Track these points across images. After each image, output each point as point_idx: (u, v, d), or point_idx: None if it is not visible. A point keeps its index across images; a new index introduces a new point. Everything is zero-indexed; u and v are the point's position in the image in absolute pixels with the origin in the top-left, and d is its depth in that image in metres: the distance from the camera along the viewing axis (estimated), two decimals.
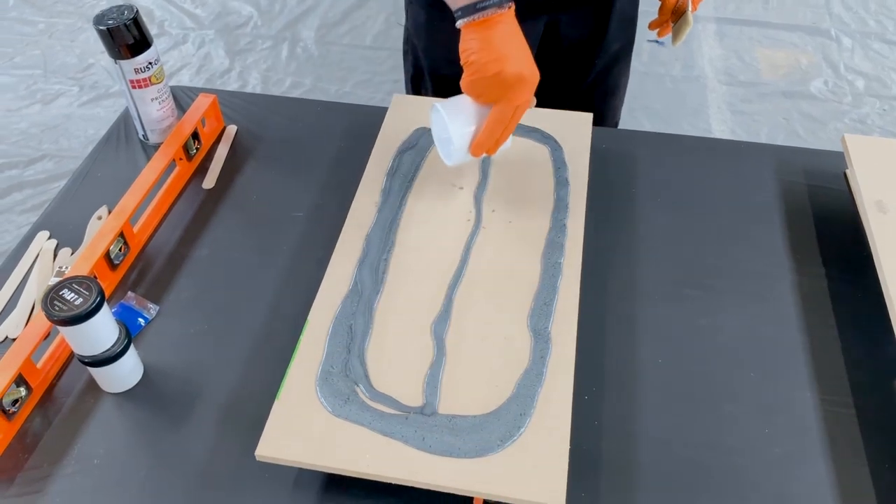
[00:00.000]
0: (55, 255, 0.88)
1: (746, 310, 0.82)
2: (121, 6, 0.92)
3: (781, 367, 0.77)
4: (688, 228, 0.91)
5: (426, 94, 1.12)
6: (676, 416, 0.74)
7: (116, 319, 0.72)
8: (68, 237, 0.90)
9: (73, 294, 0.67)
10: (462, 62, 0.75)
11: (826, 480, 0.69)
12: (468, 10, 0.73)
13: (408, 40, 1.11)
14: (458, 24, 0.74)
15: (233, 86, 2.28)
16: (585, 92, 1.13)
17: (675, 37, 0.95)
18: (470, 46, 0.74)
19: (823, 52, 2.39)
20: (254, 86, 2.29)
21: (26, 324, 0.80)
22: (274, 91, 2.27)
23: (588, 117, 0.95)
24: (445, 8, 0.77)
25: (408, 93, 1.16)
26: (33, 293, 0.83)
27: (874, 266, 0.79)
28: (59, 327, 0.68)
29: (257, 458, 0.64)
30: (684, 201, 0.94)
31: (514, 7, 0.74)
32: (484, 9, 0.72)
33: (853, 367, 0.77)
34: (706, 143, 1.03)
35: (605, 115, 1.18)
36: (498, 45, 0.73)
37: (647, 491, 0.68)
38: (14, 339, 0.79)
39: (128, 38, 0.91)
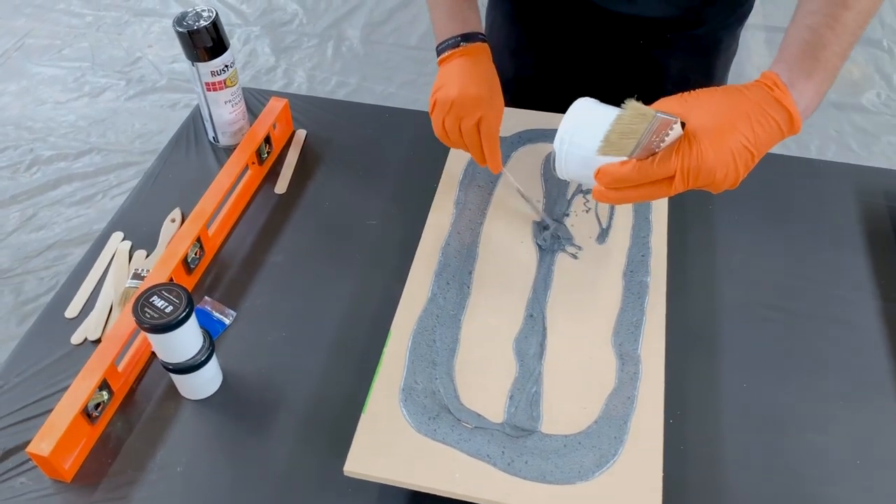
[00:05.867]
0: (130, 257, 0.88)
1: (831, 335, 0.80)
2: (199, 9, 0.92)
3: (870, 395, 0.75)
4: (767, 249, 0.89)
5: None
6: (763, 442, 0.72)
7: (201, 327, 0.71)
8: (141, 239, 0.90)
9: (163, 301, 0.67)
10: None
11: None
12: None
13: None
14: None
15: (278, 83, 2.29)
16: None
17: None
18: None
19: (876, 63, 2.35)
20: (299, 84, 2.29)
21: (104, 326, 0.81)
22: (319, 90, 2.28)
23: None
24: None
25: None
26: (110, 295, 0.83)
27: None
28: (149, 334, 0.68)
29: (346, 474, 0.64)
30: (762, 221, 0.92)
31: None
32: None
33: None
34: (782, 160, 1.00)
35: None
36: None
37: None
38: (93, 342, 0.79)
39: (206, 42, 0.90)
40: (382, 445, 0.65)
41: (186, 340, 0.69)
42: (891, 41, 2.42)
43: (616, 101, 0.75)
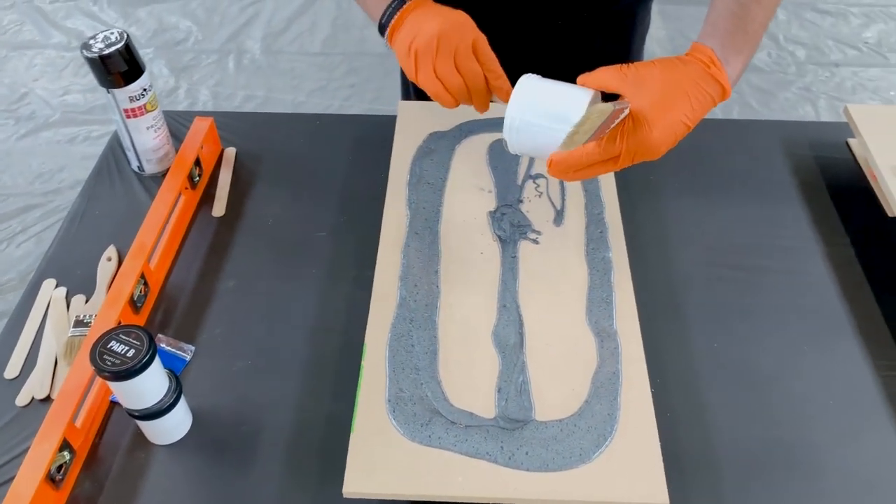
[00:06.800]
0: (68, 305, 0.82)
1: (785, 285, 0.83)
2: (107, 31, 0.86)
3: (831, 337, 0.79)
4: (712, 211, 0.91)
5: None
6: (742, 397, 0.74)
7: (166, 368, 0.67)
8: (77, 283, 0.84)
9: (122, 346, 0.62)
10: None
11: None
12: None
13: None
14: None
15: (182, 104, 2.20)
16: None
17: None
18: None
19: None
20: (204, 102, 2.20)
21: (51, 381, 0.75)
22: (226, 106, 2.20)
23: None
24: None
25: (405, 95, 1.13)
26: (53, 347, 0.77)
27: (895, 228, 0.82)
28: (111, 383, 0.63)
29: (345, 496, 0.61)
30: (702, 185, 0.94)
31: None
32: None
33: None
34: (712, 124, 1.03)
35: None
36: None
37: (730, 475, 0.68)
38: (41, 400, 0.73)
39: (120, 66, 0.85)
40: (379, 461, 0.63)
41: (153, 384, 0.65)
42: None
43: None
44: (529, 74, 0.69)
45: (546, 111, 0.66)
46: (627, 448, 0.63)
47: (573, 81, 0.70)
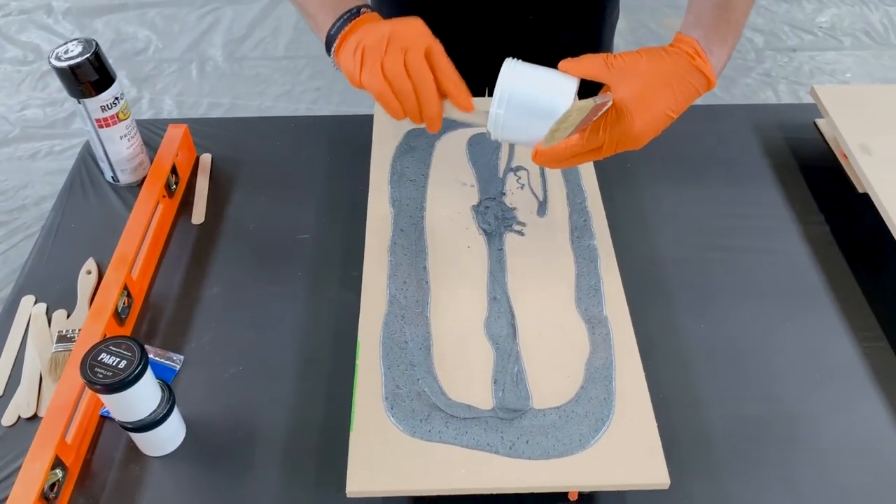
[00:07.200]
0: (49, 320, 0.80)
1: (766, 264, 0.85)
2: (76, 40, 0.85)
3: (812, 313, 0.81)
4: (689, 195, 0.93)
5: None
6: (731, 375, 0.75)
7: (157, 378, 0.66)
8: (57, 298, 0.82)
9: (113, 357, 0.61)
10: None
11: (884, 414, 0.72)
12: None
13: None
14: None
15: (146, 115, 2.16)
16: None
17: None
18: None
19: None
20: (169, 112, 2.17)
21: (37, 399, 0.73)
22: (191, 115, 2.17)
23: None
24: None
25: None
26: (37, 364, 0.75)
27: (866, 204, 0.84)
28: (104, 396, 0.62)
29: (348, 496, 0.61)
30: (679, 170, 0.96)
31: None
32: None
33: (874, 301, 0.81)
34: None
35: None
36: None
37: (723, 452, 0.69)
38: (28, 419, 0.72)
39: (91, 75, 0.83)
40: (380, 458, 0.62)
41: (146, 395, 0.64)
42: None
43: None
44: (512, 60, 0.67)
45: (531, 105, 0.65)
46: (625, 431, 0.64)
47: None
